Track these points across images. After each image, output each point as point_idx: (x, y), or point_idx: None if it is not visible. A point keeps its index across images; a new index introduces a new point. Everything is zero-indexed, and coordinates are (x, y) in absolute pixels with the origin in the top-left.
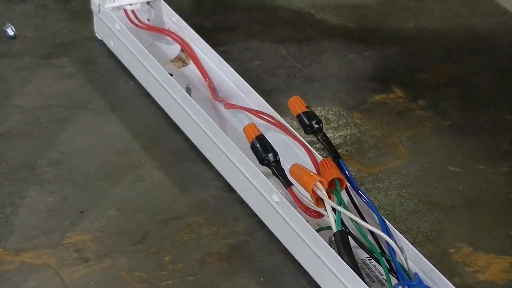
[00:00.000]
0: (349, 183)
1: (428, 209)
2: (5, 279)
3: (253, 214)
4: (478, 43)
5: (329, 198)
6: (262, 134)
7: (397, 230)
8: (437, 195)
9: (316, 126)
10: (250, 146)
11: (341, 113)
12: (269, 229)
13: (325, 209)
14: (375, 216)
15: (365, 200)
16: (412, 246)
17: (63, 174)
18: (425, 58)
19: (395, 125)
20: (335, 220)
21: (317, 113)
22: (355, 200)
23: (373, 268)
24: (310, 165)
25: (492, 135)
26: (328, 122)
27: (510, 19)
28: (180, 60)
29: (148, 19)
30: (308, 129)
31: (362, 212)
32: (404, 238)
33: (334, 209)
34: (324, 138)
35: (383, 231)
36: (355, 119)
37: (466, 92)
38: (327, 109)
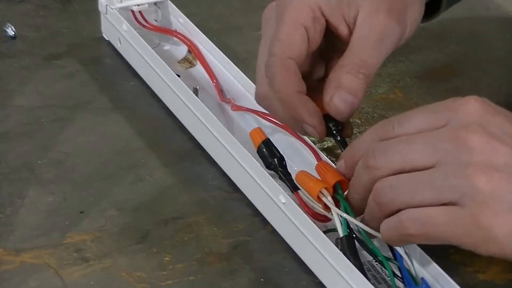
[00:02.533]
0: None
1: None
2: (5, 279)
3: (254, 214)
4: (479, 43)
5: (336, 202)
6: (268, 139)
7: None
8: None
9: (333, 128)
10: (256, 150)
11: None
12: (269, 229)
13: (332, 214)
14: None
15: None
16: (419, 249)
17: (63, 174)
18: (425, 59)
19: None
20: (341, 225)
21: None
22: None
23: (379, 270)
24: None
25: None
26: None
27: (510, 20)
28: (187, 61)
29: (155, 20)
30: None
31: None
32: None
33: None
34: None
35: None
36: (355, 119)
37: (467, 92)
38: None
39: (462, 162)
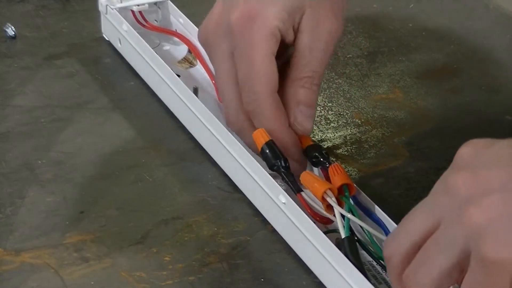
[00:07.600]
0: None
1: None
2: (5, 279)
3: (253, 214)
4: (479, 43)
5: (340, 204)
6: (271, 140)
7: None
8: None
9: (320, 157)
10: (260, 152)
11: (341, 113)
12: (269, 229)
13: (335, 215)
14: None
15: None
16: None
17: (63, 174)
18: (425, 59)
19: (395, 125)
20: (343, 226)
21: (317, 113)
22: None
23: (380, 270)
24: (317, 169)
25: (492, 136)
26: (328, 122)
27: (509, 20)
28: (187, 61)
29: (155, 20)
30: (313, 161)
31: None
32: None
33: (343, 215)
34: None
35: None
36: (355, 119)
37: (467, 92)
38: (327, 109)
39: (456, 210)
